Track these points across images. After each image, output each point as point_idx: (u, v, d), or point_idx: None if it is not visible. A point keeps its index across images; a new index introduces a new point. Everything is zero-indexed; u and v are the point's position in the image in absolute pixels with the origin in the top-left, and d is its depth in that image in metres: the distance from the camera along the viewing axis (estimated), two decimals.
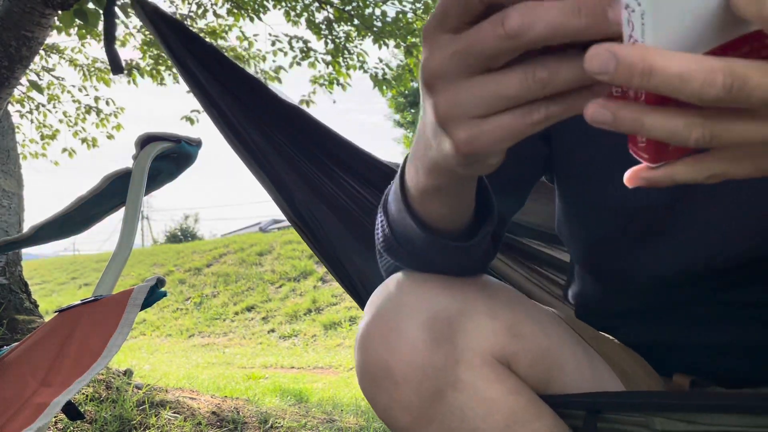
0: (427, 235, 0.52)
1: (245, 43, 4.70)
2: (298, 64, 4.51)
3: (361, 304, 1.35)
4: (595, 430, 0.59)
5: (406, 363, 0.55)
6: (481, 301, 0.58)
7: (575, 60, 0.32)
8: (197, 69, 1.38)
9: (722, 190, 0.53)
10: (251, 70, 4.57)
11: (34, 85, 3.88)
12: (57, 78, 5.18)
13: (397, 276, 0.61)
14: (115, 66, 1.58)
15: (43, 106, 5.34)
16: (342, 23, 4.20)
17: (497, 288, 0.62)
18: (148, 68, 4.59)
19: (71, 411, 0.97)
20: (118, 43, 4.74)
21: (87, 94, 5.27)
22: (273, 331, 7.83)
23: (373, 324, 0.58)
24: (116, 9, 2.55)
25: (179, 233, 24.38)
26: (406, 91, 4.77)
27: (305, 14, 4.28)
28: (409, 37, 4.01)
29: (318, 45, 4.82)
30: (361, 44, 4.37)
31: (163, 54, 4.53)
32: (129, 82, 4.70)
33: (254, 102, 1.37)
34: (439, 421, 0.56)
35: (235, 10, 4.34)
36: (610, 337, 0.74)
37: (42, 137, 5.45)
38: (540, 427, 0.57)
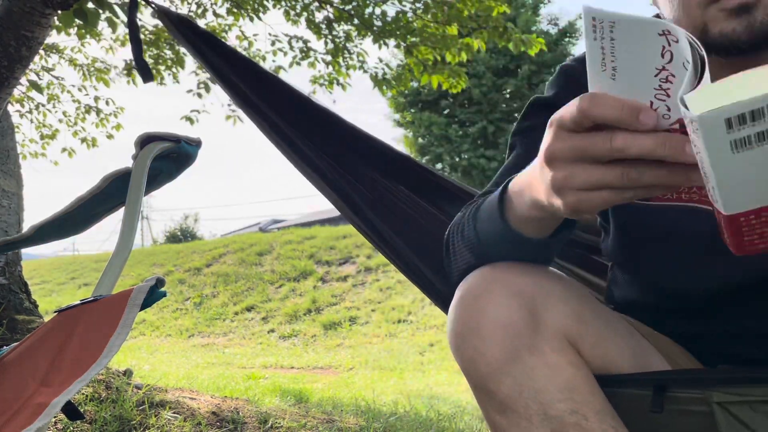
0: (515, 235, 0.66)
1: (245, 43, 4.69)
2: (298, 64, 4.51)
3: (444, 307, 1.34)
4: (662, 405, 0.68)
5: (493, 322, 0.66)
6: (557, 289, 0.70)
7: (657, 168, 0.48)
8: (239, 81, 1.39)
9: None
10: None
11: (34, 85, 3.88)
12: (57, 78, 5.18)
13: (487, 265, 0.72)
14: (145, 74, 1.57)
15: (43, 105, 5.34)
16: (342, 23, 4.20)
17: (569, 281, 0.75)
18: None
19: (71, 411, 0.96)
20: (118, 42, 4.74)
21: (87, 94, 5.27)
22: (273, 331, 7.83)
23: (468, 291, 0.70)
24: (116, 8, 2.55)
25: (179, 233, 24.36)
26: (406, 91, 4.77)
27: (305, 14, 4.27)
28: (409, 36, 4.00)
29: (318, 45, 4.82)
30: (361, 44, 4.37)
31: (163, 53, 4.53)
32: (129, 81, 4.70)
33: (292, 111, 1.38)
34: (513, 376, 0.66)
35: (235, 10, 4.34)
36: (662, 335, 0.82)
37: (42, 137, 5.45)
38: (593, 400, 0.66)
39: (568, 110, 0.50)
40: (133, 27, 1.57)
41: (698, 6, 0.70)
